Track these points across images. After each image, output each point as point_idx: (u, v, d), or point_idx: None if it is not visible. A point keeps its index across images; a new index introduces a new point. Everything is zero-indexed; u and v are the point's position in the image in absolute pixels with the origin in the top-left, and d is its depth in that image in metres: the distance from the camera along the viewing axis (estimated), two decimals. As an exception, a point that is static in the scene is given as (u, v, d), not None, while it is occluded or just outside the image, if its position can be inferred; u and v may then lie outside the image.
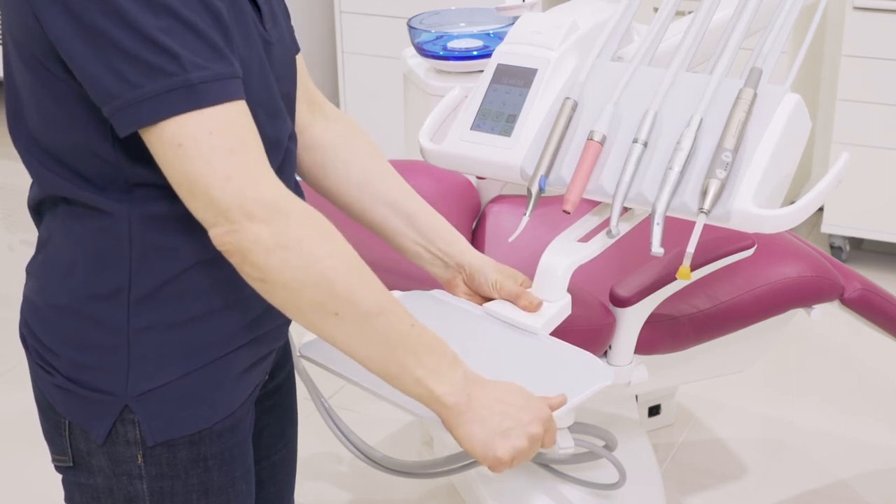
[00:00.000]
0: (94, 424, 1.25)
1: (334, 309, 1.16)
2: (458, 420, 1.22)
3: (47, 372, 1.26)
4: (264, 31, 1.25)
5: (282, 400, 1.48)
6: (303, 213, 1.15)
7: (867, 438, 2.65)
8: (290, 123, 1.33)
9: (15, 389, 2.22)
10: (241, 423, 1.32)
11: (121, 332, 1.22)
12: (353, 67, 3.88)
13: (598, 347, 1.75)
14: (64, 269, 1.23)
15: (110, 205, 1.20)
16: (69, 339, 1.24)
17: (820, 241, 3.50)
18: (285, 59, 1.31)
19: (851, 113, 3.27)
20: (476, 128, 1.57)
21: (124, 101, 1.10)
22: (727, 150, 1.39)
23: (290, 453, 1.53)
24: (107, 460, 1.26)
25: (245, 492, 1.34)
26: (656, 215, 1.39)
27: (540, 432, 1.23)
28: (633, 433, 2.31)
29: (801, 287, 1.88)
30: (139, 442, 1.24)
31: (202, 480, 1.28)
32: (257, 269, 1.14)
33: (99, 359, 1.23)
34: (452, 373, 1.21)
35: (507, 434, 1.21)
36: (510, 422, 1.22)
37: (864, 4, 3.16)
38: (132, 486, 1.27)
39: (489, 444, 1.21)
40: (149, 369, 1.23)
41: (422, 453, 2.60)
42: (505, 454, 1.21)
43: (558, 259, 1.47)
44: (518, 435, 1.22)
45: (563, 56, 1.59)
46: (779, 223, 1.37)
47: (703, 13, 1.55)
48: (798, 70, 1.45)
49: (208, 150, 1.11)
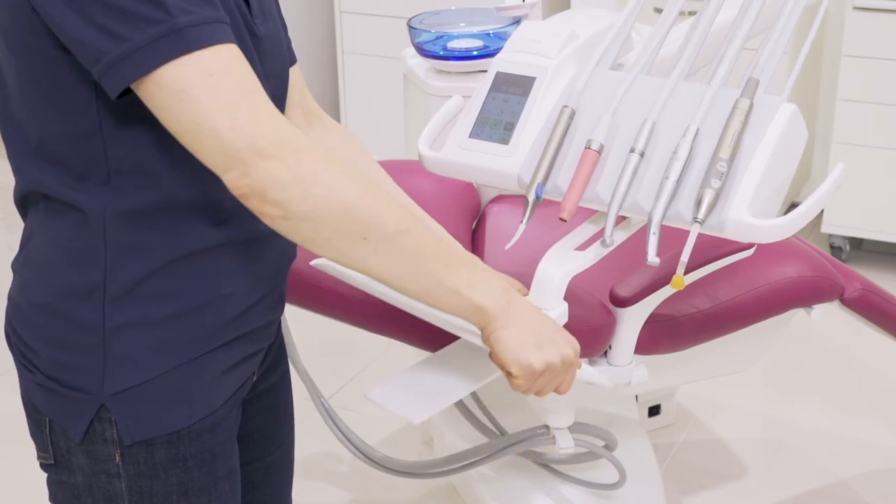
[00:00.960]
0: (72, 423, 1.25)
1: (361, 233, 1.15)
2: (494, 325, 1.23)
3: (29, 370, 1.27)
4: (253, 24, 1.24)
5: (275, 401, 1.47)
6: (314, 147, 1.14)
7: (867, 438, 2.65)
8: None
9: (14, 390, 2.23)
10: (223, 422, 1.31)
11: (96, 330, 1.22)
12: (353, 67, 3.88)
13: (598, 347, 1.75)
14: (43, 267, 1.24)
15: (87, 200, 1.19)
16: (48, 337, 1.24)
17: (820, 241, 3.50)
18: (276, 57, 1.31)
19: (851, 113, 3.28)
20: (474, 135, 1.58)
21: (115, 56, 1.09)
22: (722, 160, 1.39)
23: (284, 455, 1.52)
24: (86, 458, 1.27)
25: (228, 492, 1.34)
26: (652, 224, 1.40)
27: (572, 358, 1.25)
28: (633, 433, 2.32)
29: (801, 287, 1.88)
30: (116, 441, 1.25)
31: (182, 480, 1.29)
32: (278, 207, 1.13)
33: (76, 357, 1.23)
34: (489, 281, 1.23)
35: (541, 346, 1.23)
36: (546, 337, 1.24)
37: (864, 4, 3.16)
38: (111, 485, 1.27)
39: (523, 351, 1.23)
40: (125, 368, 1.23)
41: (422, 453, 2.60)
42: (538, 363, 1.23)
43: (555, 267, 1.48)
44: (552, 351, 1.24)
45: (562, 65, 1.59)
46: (773, 233, 1.37)
47: (705, 19, 1.55)
48: (797, 75, 1.45)
49: (212, 92, 1.10)
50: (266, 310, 1.33)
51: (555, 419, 1.95)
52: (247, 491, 1.48)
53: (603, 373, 1.77)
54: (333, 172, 1.14)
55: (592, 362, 1.78)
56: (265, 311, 1.33)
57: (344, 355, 3.03)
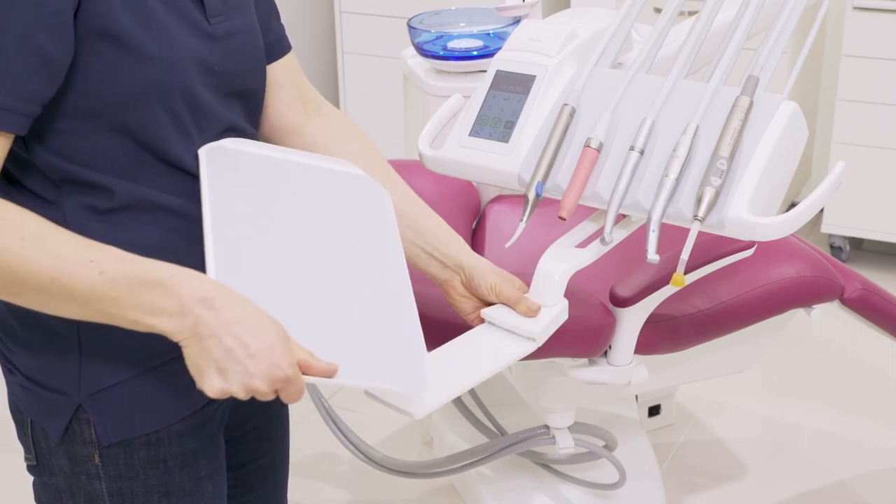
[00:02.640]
0: (51, 424, 1.26)
1: (14, 291, 1.12)
2: (182, 343, 1.12)
3: (11, 372, 1.28)
4: (207, 25, 1.24)
5: (268, 403, 1.46)
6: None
7: (867, 438, 2.65)
8: (247, 123, 1.32)
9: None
10: (206, 424, 1.31)
11: (71, 333, 1.22)
12: (353, 67, 3.88)
13: (598, 347, 1.75)
14: None
15: (48, 201, 1.20)
16: (25, 340, 1.25)
17: (820, 241, 3.50)
18: (245, 52, 1.30)
19: (851, 113, 3.28)
20: (474, 134, 1.58)
21: None
22: (722, 158, 1.39)
23: (278, 456, 1.52)
24: (66, 459, 1.27)
25: (212, 492, 1.34)
26: (652, 222, 1.39)
27: (262, 390, 1.12)
28: (633, 433, 2.32)
29: (801, 287, 1.88)
30: (95, 442, 1.25)
31: (163, 481, 1.28)
32: None
33: (52, 359, 1.24)
34: (168, 300, 1.11)
35: (224, 373, 1.11)
36: (232, 363, 1.10)
37: (864, 4, 3.16)
38: (91, 486, 1.28)
39: (201, 373, 1.12)
40: (100, 370, 1.23)
41: (422, 453, 2.60)
42: (211, 392, 1.11)
43: (555, 264, 1.47)
44: (236, 381, 1.11)
45: (562, 63, 1.59)
46: (773, 231, 1.37)
47: (704, 18, 1.55)
48: (798, 74, 1.45)
49: None
50: None
51: (555, 419, 1.95)
52: (241, 493, 1.48)
53: (603, 373, 1.77)
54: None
55: (592, 362, 1.78)
56: None
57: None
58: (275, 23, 1.41)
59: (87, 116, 1.18)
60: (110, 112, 1.18)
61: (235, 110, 1.30)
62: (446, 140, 1.62)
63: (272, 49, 1.39)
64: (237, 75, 1.29)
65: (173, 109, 1.21)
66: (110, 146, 1.19)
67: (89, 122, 1.18)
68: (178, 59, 1.20)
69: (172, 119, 1.21)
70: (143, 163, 1.21)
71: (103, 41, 1.15)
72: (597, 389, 1.84)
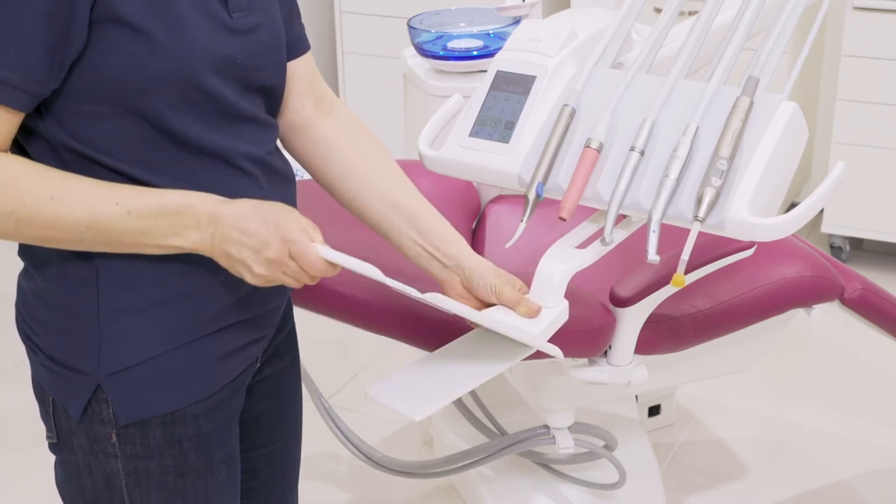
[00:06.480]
0: (71, 402, 1.29)
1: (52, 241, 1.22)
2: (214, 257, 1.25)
3: (34, 351, 1.32)
4: (228, 19, 1.26)
5: (281, 389, 1.49)
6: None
7: (867, 438, 2.65)
8: (269, 119, 1.34)
9: (17, 388, 2.23)
10: (221, 406, 1.34)
11: (91, 314, 1.26)
12: (353, 67, 3.88)
13: (598, 347, 1.75)
14: (40, 254, 1.27)
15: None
16: (47, 320, 1.29)
17: (820, 241, 3.50)
18: (268, 48, 1.32)
19: (851, 113, 3.28)
20: (474, 134, 1.58)
21: None
22: (722, 159, 1.39)
23: (290, 443, 1.53)
24: (85, 438, 1.30)
25: (226, 476, 1.36)
26: (652, 223, 1.40)
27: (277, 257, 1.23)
28: (633, 433, 2.32)
29: (801, 287, 1.88)
30: (112, 421, 1.28)
31: (178, 462, 1.31)
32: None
33: (73, 340, 1.27)
34: (188, 221, 1.22)
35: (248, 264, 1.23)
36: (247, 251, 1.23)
37: (864, 4, 3.16)
38: (108, 465, 1.30)
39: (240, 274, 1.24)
40: (119, 350, 1.26)
41: (422, 453, 2.60)
42: (254, 282, 1.24)
43: (556, 265, 1.47)
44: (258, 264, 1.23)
45: (562, 63, 1.59)
46: (774, 232, 1.37)
47: (704, 18, 1.55)
48: (798, 74, 1.45)
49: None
50: (267, 296, 1.34)
51: (555, 419, 1.95)
52: (249, 478, 1.49)
53: (603, 373, 1.77)
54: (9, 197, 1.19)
55: (592, 362, 1.78)
56: (266, 298, 1.34)
57: (344, 355, 3.03)
58: (296, 22, 1.42)
59: (103, 100, 1.20)
60: (127, 97, 1.20)
61: (257, 103, 1.32)
62: (446, 140, 1.62)
63: (292, 47, 1.41)
64: (260, 70, 1.31)
65: (189, 99, 1.22)
66: (127, 130, 1.21)
67: (106, 106, 1.20)
68: (191, 53, 1.21)
69: (189, 107, 1.23)
70: (159, 148, 1.23)
71: (119, 28, 1.17)
72: (597, 389, 1.84)
